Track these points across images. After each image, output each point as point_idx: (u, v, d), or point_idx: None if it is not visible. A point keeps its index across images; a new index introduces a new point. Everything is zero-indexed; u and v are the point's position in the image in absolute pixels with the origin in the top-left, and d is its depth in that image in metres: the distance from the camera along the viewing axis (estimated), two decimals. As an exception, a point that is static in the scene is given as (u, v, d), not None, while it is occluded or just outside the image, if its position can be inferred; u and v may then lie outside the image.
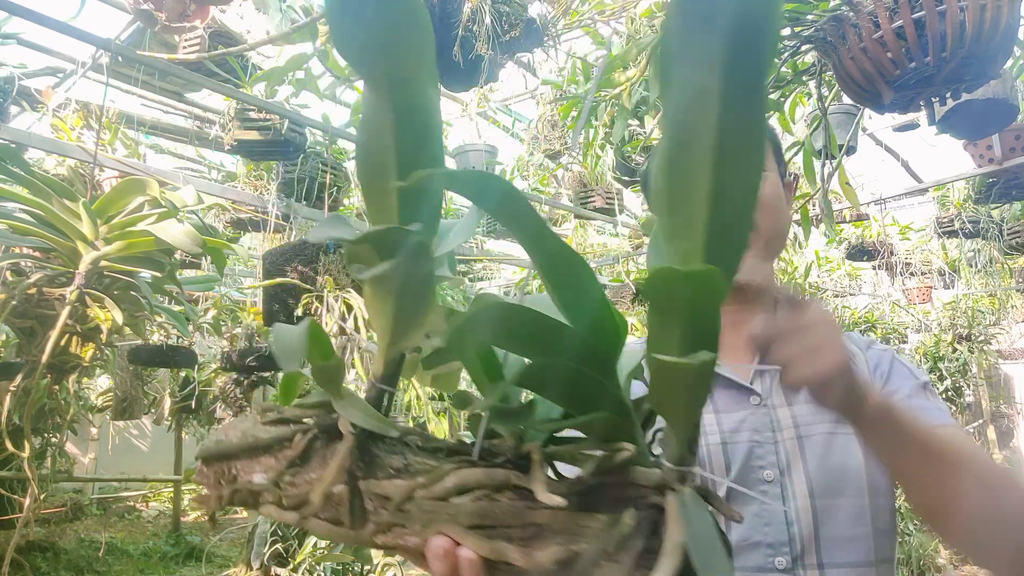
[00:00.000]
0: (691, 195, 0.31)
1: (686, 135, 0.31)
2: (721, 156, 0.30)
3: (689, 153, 0.31)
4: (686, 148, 0.31)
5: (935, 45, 1.09)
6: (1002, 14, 1.08)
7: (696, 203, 0.31)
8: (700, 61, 0.29)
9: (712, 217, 0.31)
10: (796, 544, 0.73)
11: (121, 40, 2.43)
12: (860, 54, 1.17)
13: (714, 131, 0.30)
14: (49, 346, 1.39)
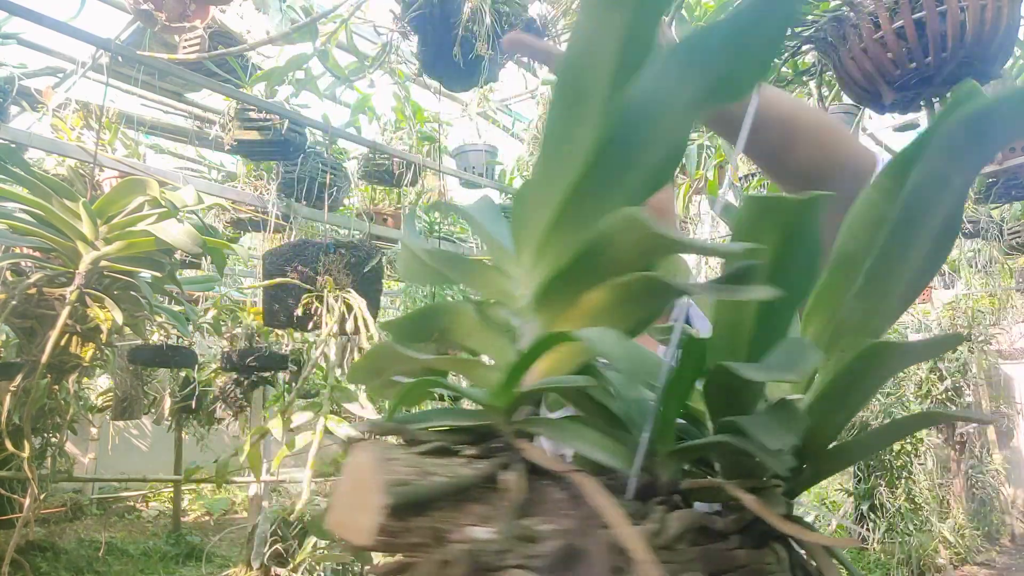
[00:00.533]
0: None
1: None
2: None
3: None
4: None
5: (935, 45, 1.09)
6: (1002, 14, 1.08)
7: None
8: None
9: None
10: None
11: (121, 40, 2.43)
12: (860, 54, 1.17)
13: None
14: (49, 346, 1.39)
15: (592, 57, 0.32)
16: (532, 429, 0.33)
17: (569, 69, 0.33)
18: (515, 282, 0.37)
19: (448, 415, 0.36)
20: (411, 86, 3.20)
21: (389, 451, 0.30)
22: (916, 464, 5.25)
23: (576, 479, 0.29)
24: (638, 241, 0.29)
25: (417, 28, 1.88)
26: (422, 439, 0.32)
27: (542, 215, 0.34)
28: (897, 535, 4.89)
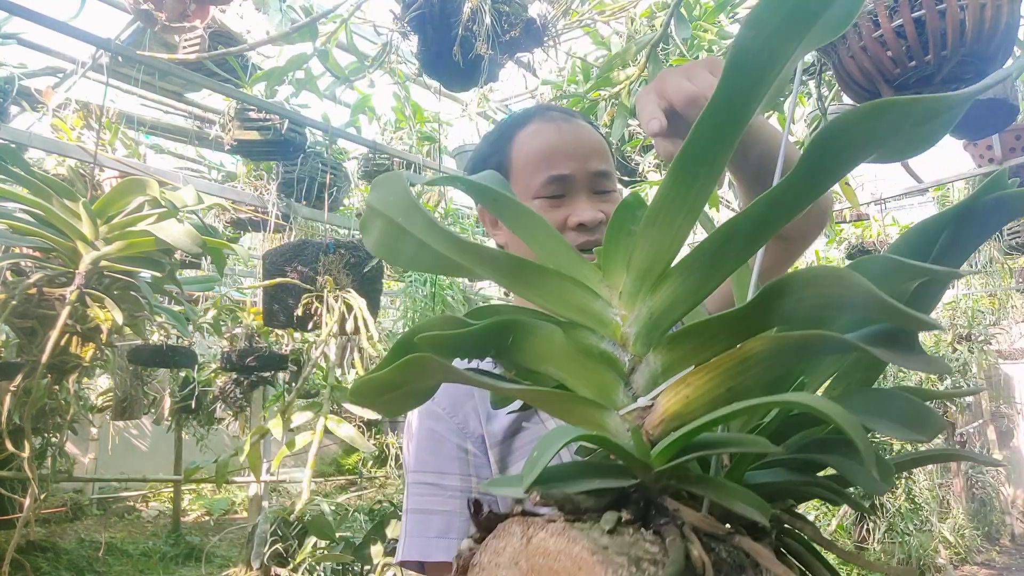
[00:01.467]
0: None
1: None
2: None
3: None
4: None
5: (935, 44, 1.09)
6: (1002, 13, 1.08)
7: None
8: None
9: None
10: None
11: (121, 40, 2.43)
12: (860, 53, 1.17)
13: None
14: (49, 346, 1.39)
15: (751, 82, 0.30)
16: (690, 488, 0.30)
17: (727, 86, 0.30)
18: (604, 303, 0.33)
19: (595, 473, 0.32)
20: (411, 86, 3.20)
21: (587, 536, 0.27)
22: (916, 464, 5.24)
23: (743, 544, 0.28)
24: (822, 295, 0.27)
25: (417, 28, 1.88)
26: (583, 507, 0.29)
27: (663, 237, 0.32)
28: (897, 535, 4.89)
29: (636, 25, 2.55)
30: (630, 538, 0.28)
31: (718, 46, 2.08)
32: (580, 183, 0.81)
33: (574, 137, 0.83)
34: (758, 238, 0.31)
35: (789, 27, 0.29)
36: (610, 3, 2.41)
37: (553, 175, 0.80)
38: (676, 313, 0.32)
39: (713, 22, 2.18)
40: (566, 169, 0.80)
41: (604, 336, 0.33)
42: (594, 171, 0.81)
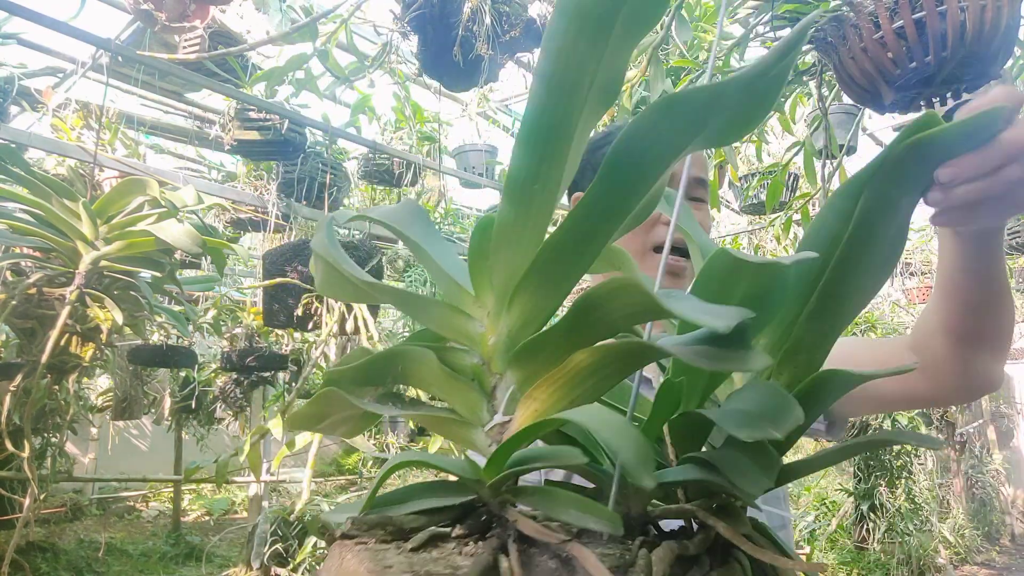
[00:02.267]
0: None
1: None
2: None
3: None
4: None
5: (936, 45, 1.09)
6: (1002, 14, 1.08)
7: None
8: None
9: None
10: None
11: (121, 40, 2.43)
12: (860, 54, 1.17)
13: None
14: (49, 346, 1.39)
15: (563, 95, 0.31)
16: (520, 500, 0.32)
17: (537, 104, 0.31)
18: (476, 324, 0.36)
19: (430, 493, 0.34)
20: (411, 86, 3.20)
21: (381, 556, 0.29)
22: (916, 464, 5.25)
23: (572, 551, 0.29)
24: (628, 304, 0.29)
25: (417, 28, 1.88)
26: (408, 527, 0.31)
27: (511, 258, 0.33)
28: (897, 535, 4.89)
29: (636, 25, 2.55)
30: (438, 553, 0.29)
31: (718, 47, 2.08)
32: (677, 183, 0.81)
33: None
34: (585, 252, 0.32)
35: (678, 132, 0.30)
36: (610, 3, 2.40)
37: None
38: (529, 329, 0.34)
39: (714, 23, 2.18)
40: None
41: (475, 355, 0.35)
42: (694, 177, 0.82)
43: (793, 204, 2.28)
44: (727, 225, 4.72)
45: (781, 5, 1.37)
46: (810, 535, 4.90)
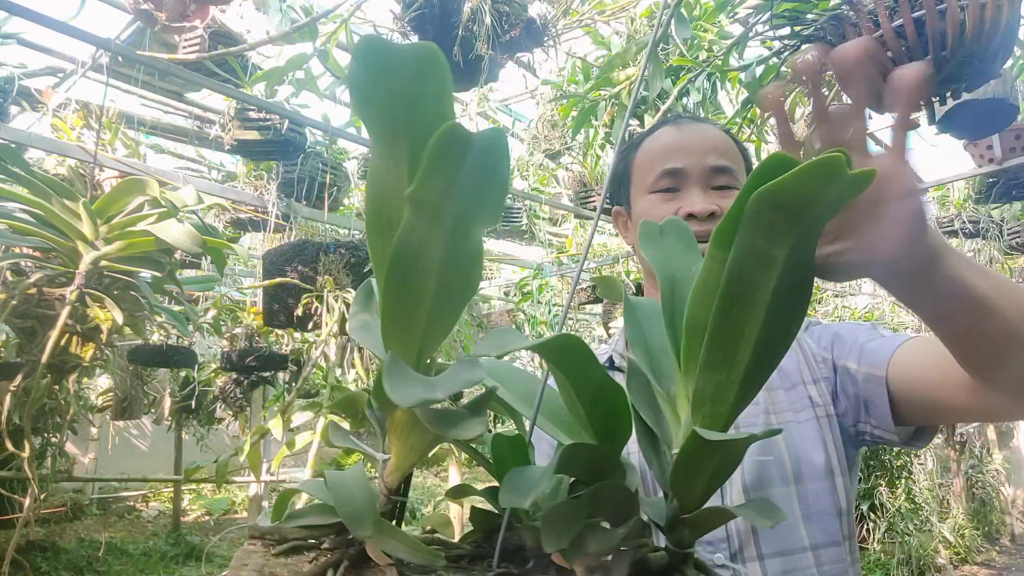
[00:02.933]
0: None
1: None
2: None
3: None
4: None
5: (935, 44, 1.09)
6: (1002, 14, 1.08)
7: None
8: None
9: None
10: (734, 539, 0.73)
11: (121, 40, 2.43)
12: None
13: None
14: (49, 346, 1.39)
15: (386, 188, 0.36)
16: (375, 538, 0.38)
17: (372, 200, 0.38)
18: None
19: (317, 512, 0.40)
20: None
21: (248, 556, 0.37)
22: (916, 464, 5.25)
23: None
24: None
25: (417, 28, 1.88)
26: (291, 537, 0.38)
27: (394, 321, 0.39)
28: (897, 535, 4.89)
29: (636, 25, 2.55)
30: (291, 560, 0.37)
31: (718, 46, 2.08)
32: (694, 176, 0.81)
33: (693, 134, 0.84)
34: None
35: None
36: (610, 3, 2.41)
37: (666, 168, 0.82)
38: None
39: (713, 22, 2.18)
40: (679, 163, 0.81)
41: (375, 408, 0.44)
42: (711, 165, 0.81)
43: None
44: (727, 225, 4.72)
45: (781, 4, 1.37)
46: (810, 535, 4.90)
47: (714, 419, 0.37)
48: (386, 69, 0.32)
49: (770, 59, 1.55)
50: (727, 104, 2.75)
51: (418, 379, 0.33)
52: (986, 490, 6.52)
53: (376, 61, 0.32)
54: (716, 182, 0.81)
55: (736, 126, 1.95)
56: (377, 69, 0.32)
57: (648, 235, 0.49)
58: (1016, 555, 6.09)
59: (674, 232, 0.49)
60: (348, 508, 0.37)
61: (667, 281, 0.45)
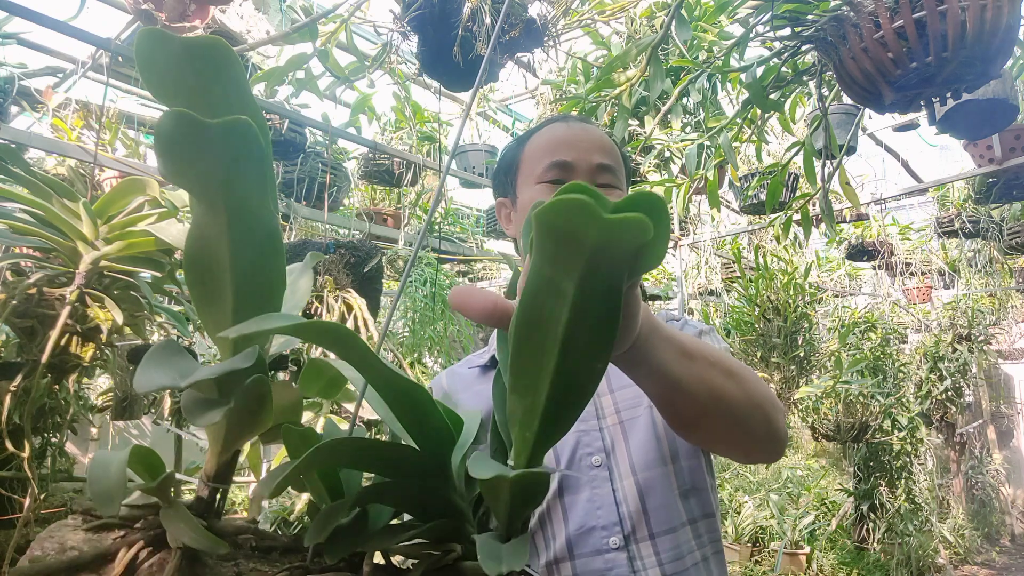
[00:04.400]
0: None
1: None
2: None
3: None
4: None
5: (936, 45, 1.09)
6: (1002, 14, 1.08)
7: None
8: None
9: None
10: (627, 522, 0.77)
11: (121, 40, 2.42)
12: (861, 54, 1.17)
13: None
14: (49, 346, 1.39)
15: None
16: (164, 519, 0.39)
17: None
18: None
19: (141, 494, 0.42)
20: (411, 86, 3.20)
21: (57, 530, 0.40)
22: (916, 464, 5.25)
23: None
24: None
25: (417, 28, 1.88)
26: (110, 520, 0.40)
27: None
28: (897, 535, 4.89)
29: (636, 25, 2.55)
30: (96, 536, 0.40)
31: (719, 47, 2.08)
32: (581, 171, 0.84)
33: (581, 132, 0.87)
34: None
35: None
36: (610, 3, 2.41)
37: (555, 160, 0.84)
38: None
39: (713, 23, 2.18)
40: (567, 156, 0.84)
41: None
42: (598, 163, 0.84)
43: (793, 204, 2.28)
44: (728, 225, 4.72)
45: (781, 5, 1.37)
46: (810, 535, 4.90)
47: (523, 443, 0.36)
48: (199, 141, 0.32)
49: (770, 59, 1.55)
50: (727, 104, 2.75)
51: (172, 365, 0.34)
52: (986, 490, 6.52)
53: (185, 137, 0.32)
54: (601, 180, 0.85)
55: (736, 126, 1.95)
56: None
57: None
58: (1016, 555, 6.09)
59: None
60: (97, 487, 0.38)
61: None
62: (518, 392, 0.35)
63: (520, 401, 0.35)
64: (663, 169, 2.99)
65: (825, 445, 5.80)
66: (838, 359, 3.72)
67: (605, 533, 0.76)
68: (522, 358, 0.34)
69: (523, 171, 0.89)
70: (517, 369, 0.34)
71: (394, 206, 3.90)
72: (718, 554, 0.82)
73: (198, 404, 0.37)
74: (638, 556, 0.75)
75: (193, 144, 0.31)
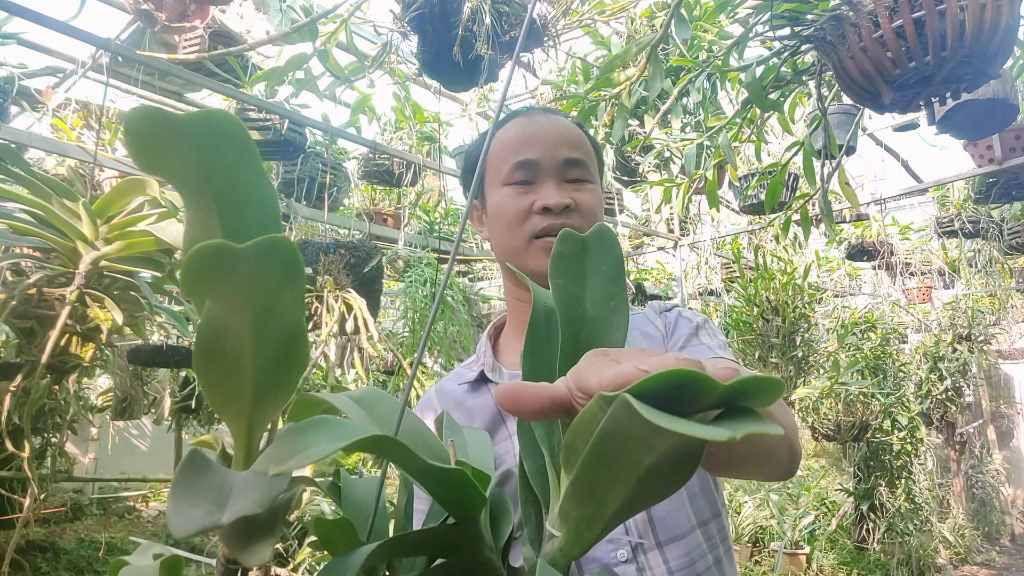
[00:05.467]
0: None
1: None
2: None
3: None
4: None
5: (935, 44, 1.09)
6: (1002, 14, 1.08)
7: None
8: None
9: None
10: (633, 532, 0.74)
11: (121, 40, 2.43)
12: (860, 53, 1.17)
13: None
14: (49, 346, 1.39)
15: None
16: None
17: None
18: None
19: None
20: (411, 86, 3.20)
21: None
22: (916, 464, 5.25)
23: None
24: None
25: (417, 28, 1.88)
26: None
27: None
28: (897, 535, 4.89)
29: (636, 25, 2.55)
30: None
31: (718, 46, 2.08)
32: (548, 169, 0.81)
33: (545, 126, 0.83)
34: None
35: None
36: (610, 3, 2.41)
37: (519, 160, 0.81)
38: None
39: (713, 22, 2.18)
40: (533, 155, 0.80)
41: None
42: (564, 158, 0.81)
43: (792, 204, 2.28)
44: (727, 225, 4.72)
45: (780, 5, 1.37)
46: (810, 535, 4.90)
47: (578, 538, 0.36)
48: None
49: (770, 59, 1.55)
50: (727, 104, 2.75)
51: (205, 489, 0.30)
52: (986, 490, 6.52)
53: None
54: (570, 175, 0.81)
55: (736, 126, 1.95)
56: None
57: (565, 255, 0.43)
58: (1016, 555, 6.09)
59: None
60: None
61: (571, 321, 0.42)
62: (576, 500, 0.34)
63: (577, 506, 0.35)
64: (663, 169, 2.99)
65: (825, 445, 5.80)
66: (835, 361, 3.72)
67: (612, 546, 0.74)
68: (584, 480, 0.33)
69: (489, 172, 0.85)
70: (578, 483, 0.33)
71: (394, 206, 3.90)
72: (729, 552, 0.80)
73: (244, 535, 0.33)
74: (647, 567, 0.73)
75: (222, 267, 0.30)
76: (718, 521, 0.79)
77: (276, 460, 0.28)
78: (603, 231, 0.42)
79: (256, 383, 0.34)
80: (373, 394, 0.44)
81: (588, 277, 0.42)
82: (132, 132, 0.30)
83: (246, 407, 0.35)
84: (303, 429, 0.30)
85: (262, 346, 0.33)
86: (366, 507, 0.44)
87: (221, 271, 0.28)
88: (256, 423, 0.36)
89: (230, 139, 0.32)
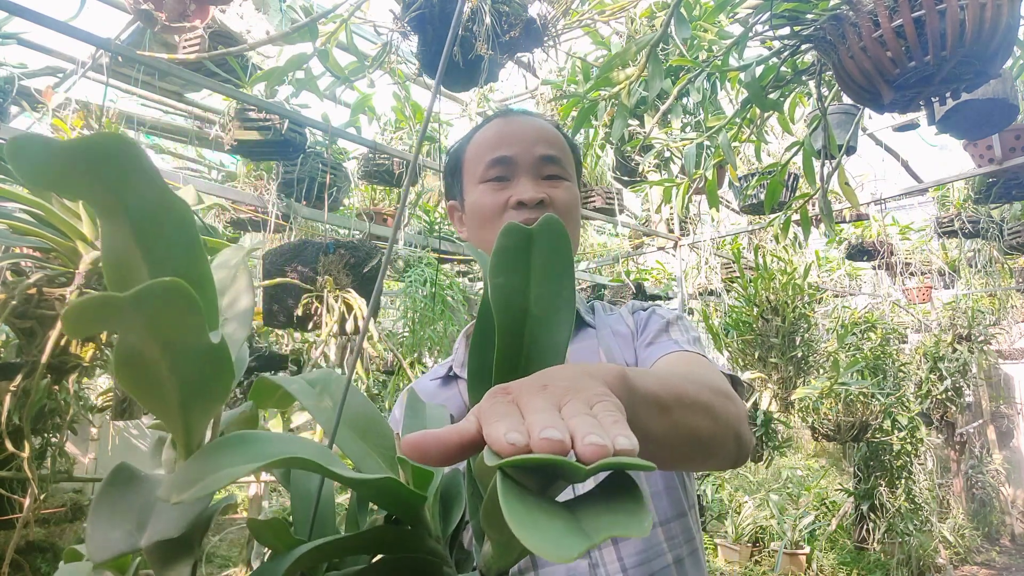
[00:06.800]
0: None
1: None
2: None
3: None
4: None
5: (935, 44, 1.09)
6: (1002, 13, 1.08)
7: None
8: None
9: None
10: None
11: (121, 40, 2.43)
12: (860, 53, 1.17)
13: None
14: (49, 346, 1.39)
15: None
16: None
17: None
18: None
19: None
20: (411, 86, 3.20)
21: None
22: (916, 464, 5.25)
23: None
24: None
25: (417, 28, 1.88)
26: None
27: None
28: (897, 535, 4.89)
29: (636, 25, 2.55)
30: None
31: (718, 46, 2.08)
32: (524, 166, 0.82)
33: (521, 124, 0.84)
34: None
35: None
36: (610, 3, 2.41)
37: (495, 157, 0.82)
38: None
39: (713, 22, 2.18)
40: (508, 151, 0.82)
41: None
42: (540, 155, 0.82)
43: (792, 204, 2.28)
44: (727, 225, 4.72)
45: (780, 4, 1.37)
46: (810, 535, 4.90)
47: (499, 557, 0.36)
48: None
49: (769, 59, 1.55)
50: (727, 104, 2.75)
51: (128, 512, 0.29)
52: (986, 490, 6.52)
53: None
54: (545, 172, 0.82)
55: (735, 126, 1.95)
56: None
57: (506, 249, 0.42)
58: (1016, 555, 6.09)
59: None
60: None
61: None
62: (489, 525, 0.34)
63: (494, 532, 0.34)
64: (662, 168, 2.99)
65: (825, 445, 5.80)
66: (835, 361, 3.72)
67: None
68: (499, 517, 0.31)
69: (467, 173, 0.86)
70: (492, 513, 0.32)
71: (394, 206, 3.90)
72: (694, 552, 0.78)
73: (163, 556, 0.32)
74: (601, 563, 0.72)
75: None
76: (683, 521, 0.78)
77: (180, 486, 0.27)
78: (551, 223, 0.40)
79: (181, 392, 0.33)
80: (327, 376, 0.44)
81: (533, 272, 0.39)
82: (15, 159, 0.28)
83: (175, 411, 0.34)
84: (218, 448, 0.29)
85: (179, 364, 0.32)
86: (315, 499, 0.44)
87: (108, 319, 0.28)
88: (192, 422, 0.35)
89: (113, 159, 0.30)
